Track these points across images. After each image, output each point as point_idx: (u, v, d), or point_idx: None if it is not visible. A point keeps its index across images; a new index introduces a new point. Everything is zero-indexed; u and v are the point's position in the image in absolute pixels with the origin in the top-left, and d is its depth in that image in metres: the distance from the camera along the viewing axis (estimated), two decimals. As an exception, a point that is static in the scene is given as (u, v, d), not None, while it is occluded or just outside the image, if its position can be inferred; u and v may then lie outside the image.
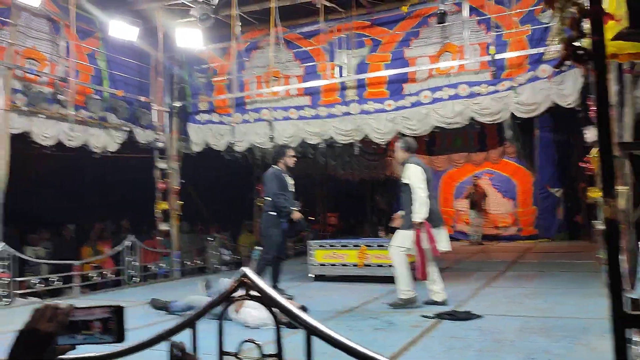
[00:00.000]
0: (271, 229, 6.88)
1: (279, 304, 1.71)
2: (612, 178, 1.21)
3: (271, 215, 6.88)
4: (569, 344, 4.22)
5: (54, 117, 8.24)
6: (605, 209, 1.25)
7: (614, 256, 1.18)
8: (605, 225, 1.20)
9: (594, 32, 1.20)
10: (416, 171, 5.95)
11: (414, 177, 5.92)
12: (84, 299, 7.82)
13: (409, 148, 6.24)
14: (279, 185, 6.87)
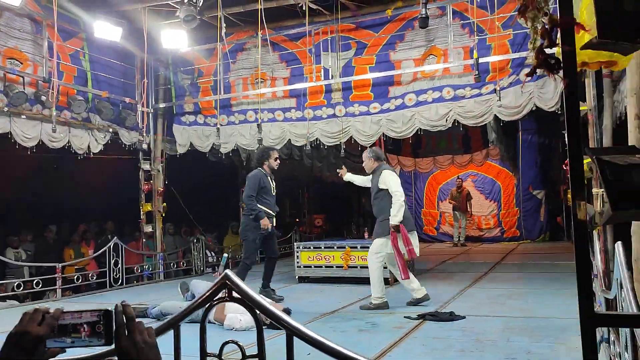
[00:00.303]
0: (249, 233, 6.81)
1: (261, 305, 1.74)
2: (581, 181, 1.25)
3: (249, 218, 6.82)
4: (550, 343, 4.29)
5: (36, 118, 8.17)
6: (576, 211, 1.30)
7: (583, 257, 1.22)
8: (574, 226, 1.24)
9: (564, 42, 1.24)
10: (394, 177, 6.16)
11: (392, 182, 6.07)
12: (67, 301, 7.75)
13: (378, 157, 6.40)
14: (261, 188, 6.80)
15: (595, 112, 4.94)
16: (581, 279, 1.25)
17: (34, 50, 8.20)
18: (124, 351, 1.15)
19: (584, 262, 1.24)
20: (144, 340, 1.16)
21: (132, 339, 1.15)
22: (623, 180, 1.24)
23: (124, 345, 1.15)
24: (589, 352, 1.29)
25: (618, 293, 2.59)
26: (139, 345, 1.15)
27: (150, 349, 1.16)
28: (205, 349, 1.84)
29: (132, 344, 1.15)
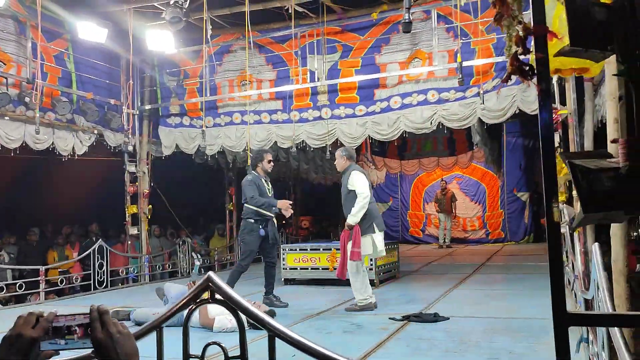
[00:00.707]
0: (247, 236, 6.76)
1: (243, 307, 1.75)
2: (554, 184, 1.28)
3: (248, 221, 6.75)
4: (532, 343, 4.35)
5: (19, 119, 8.10)
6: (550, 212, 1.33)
7: (556, 257, 1.26)
8: (547, 227, 1.28)
9: (538, 49, 1.28)
10: (361, 178, 6.18)
11: (359, 183, 6.11)
12: (51, 304, 7.68)
13: (350, 156, 6.46)
14: (258, 192, 6.73)
15: (575, 115, 5.03)
16: (554, 279, 1.29)
17: (18, 51, 8.13)
18: (100, 343, 1.20)
19: (556, 262, 1.28)
20: (119, 331, 1.21)
21: (107, 331, 1.20)
22: (593, 184, 1.28)
23: (99, 338, 1.20)
24: (562, 351, 1.32)
25: (595, 294, 2.65)
26: (115, 336, 1.20)
27: (125, 338, 1.21)
28: (188, 351, 1.85)
29: (108, 336, 1.19)
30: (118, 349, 1.19)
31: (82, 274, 9.12)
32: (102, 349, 1.20)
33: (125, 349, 1.20)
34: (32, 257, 9.75)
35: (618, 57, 1.31)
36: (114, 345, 1.19)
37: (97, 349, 1.21)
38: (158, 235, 11.61)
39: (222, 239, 13.16)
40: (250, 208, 6.71)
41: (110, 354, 1.19)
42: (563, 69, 1.73)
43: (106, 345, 1.19)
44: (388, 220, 17.39)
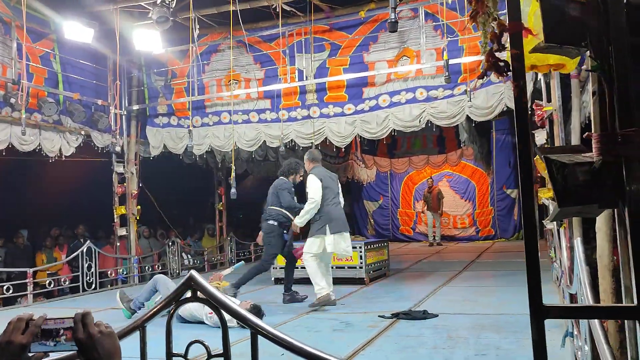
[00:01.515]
0: (273, 239, 6.90)
1: (226, 305, 1.75)
2: (530, 180, 1.30)
3: (274, 225, 6.87)
4: (518, 339, 4.38)
5: (5, 121, 8.03)
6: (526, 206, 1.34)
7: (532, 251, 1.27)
8: (523, 221, 1.29)
9: (513, 46, 1.29)
10: (314, 183, 6.35)
11: (312, 188, 6.34)
12: (39, 307, 7.62)
13: (313, 159, 6.67)
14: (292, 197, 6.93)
15: (560, 112, 5.07)
16: (530, 272, 1.30)
17: (3, 52, 8.06)
18: (81, 343, 1.26)
19: (533, 256, 1.29)
20: (100, 331, 1.28)
21: (88, 331, 1.26)
22: (568, 178, 1.30)
23: (80, 337, 1.26)
24: (539, 344, 1.34)
25: (579, 288, 2.68)
26: (95, 336, 1.26)
27: (106, 337, 1.28)
28: (171, 349, 1.85)
29: (88, 336, 1.26)
30: (99, 348, 1.26)
31: (71, 275, 9.07)
32: (84, 349, 1.26)
33: (106, 348, 1.26)
34: (20, 259, 9.68)
35: (591, 53, 1.33)
36: (95, 345, 1.26)
37: (80, 349, 1.27)
38: (147, 236, 11.56)
39: (212, 239, 13.13)
40: (279, 211, 6.84)
41: (92, 353, 1.26)
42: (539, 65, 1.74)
43: (87, 345, 1.26)
44: (378, 218, 17.46)
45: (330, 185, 6.43)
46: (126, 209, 10.16)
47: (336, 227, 6.30)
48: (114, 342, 1.29)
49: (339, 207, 6.47)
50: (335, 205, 6.42)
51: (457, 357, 3.98)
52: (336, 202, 6.45)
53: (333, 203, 6.38)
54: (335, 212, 6.37)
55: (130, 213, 10.21)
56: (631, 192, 1.25)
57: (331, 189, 6.41)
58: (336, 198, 6.46)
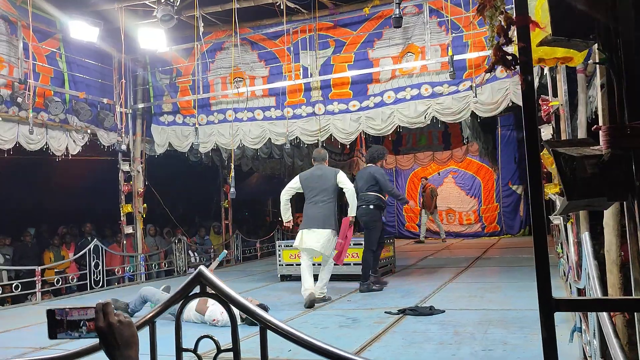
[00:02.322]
0: (377, 223, 7.25)
1: (235, 300, 1.76)
2: (538, 174, 1.30)
3: (376, 211, 7.21)
4: (526, 334, 4.38)
5: (12, 120, 8.07)
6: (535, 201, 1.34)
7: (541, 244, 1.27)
8: (532, 215, 1.29)
9: (520, 39, 1.29)
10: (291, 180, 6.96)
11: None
12: (47, 304, 7.67)
13: (313, 158, 7.05)
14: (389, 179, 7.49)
15: (566, 106, 5.05)
16: (539, 266, 1.30)
17: (9, 52, 8.10)
18: (102, 331, 1.34)
19: (541, 249, 1.29)
20: (119, 320, 1.35)
21: (107, 320, 1.34)
22: (576, 171, 1.30)
23: (100, 326, 1.34)
24: (548, 337, 1.34)
25: (587, 283, 2.67)
26: (115, 325, 1.34)
27: (125, 326, 1.35)
28: (181, 344, 1.86)
29: (108, 325, 1.34)
30: (117, 336, 1.34)
31: (78, 273, 9.12)
32: (104, 337, 1.35)
33: (124, 336, 1.35)
34: (28, 257, 9.74)
35: (599, 46, 1.32)
36: (114, 333, 1.34)
37: (100, 337, 1.36)
38: (153, 234, 11.60)
39: (218, 237, 13.17)
40: (378, 196, 7.20)
41: (111, 341, 1.34)
42: (547, 58, 1.74)
43: (107, 333, 1.34)
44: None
45: (311, 185, 6.60)
46: (132, 207, 10.20)
47: (307, 224, 6.51)
48: (132, 331, 1.37)
49: (317, 205, 6.53)
50: (314, 204, 6.54)
51: (464, 353, 3.97)
52: (316, 200, 6.54)
53: (311, 201, 6.57)
54: (308, 209, 6.57)
55: (137, 211, 10.25)
56: (641, 184, 1.25)
57: (313, 188, 6.58)
58: (317, 197, 6.54)
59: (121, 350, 1.33)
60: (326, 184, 6.55)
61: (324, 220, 6.44)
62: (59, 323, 1.40)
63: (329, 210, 6.48)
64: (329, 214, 6.46)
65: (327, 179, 6.57)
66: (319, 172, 6.68)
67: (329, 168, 6.89)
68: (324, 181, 6.56)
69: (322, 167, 6.79)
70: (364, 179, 7.26)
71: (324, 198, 6.52)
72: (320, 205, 6.51)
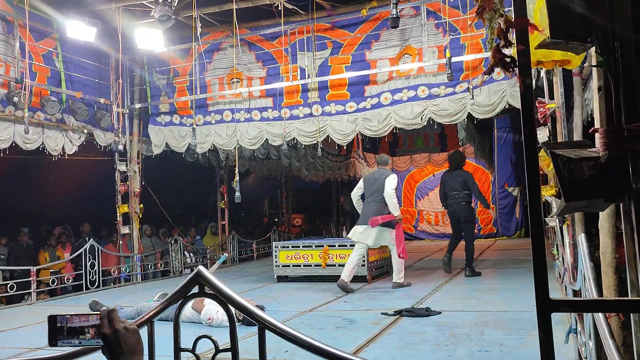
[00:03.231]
0: (473, 217, 8.55)
1: (234, 300, 1.77)
2: (536, 176, 1.31)
3: (472, 208, 8.48)
4: (522, 336, 4.39)
5: (8, 119, 8.05)
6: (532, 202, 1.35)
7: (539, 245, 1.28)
8: (530, 216, 1.30)
9: (519, 42, 1.30)
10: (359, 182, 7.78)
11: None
12: (43, 305, 7.65)
13: (377, 162, 8.22)
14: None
15: (563, 109, 5.07)
16: (537, 267, 1.31)
17: (6, 51, 8.08)
18: (106, 338, 1.32)
19: (539, 250, 1.30)
20: (125, 327, 1.34)
21: (113, 327, 1.32)
22: (574, 173, 1.31)
23: (105, 333, 1.32)
24: (545, 338, 1.34)
25: (583, 284, 2.69)
26: (120, 331, 1.32)
27: (130, 333, 1.34)
28: (179, 344, 1.86)
29: (113, 331, 1.32)
30: (123, 343, 1.32)
31: (74, 274, 9.09)
32: (109, 344, 1.33)
33: (129, 343, 1.33)
34: (23, 258, 9.71)
35: (597, 49, 1.33)
36: (119, 340, 1.32)
37: (105, 344, 1.34)
38: (149, 235, 11.58)
39: (214, 237, 13.15)
40: (470, 195, 8.26)
41: (116, 348, 1.32)
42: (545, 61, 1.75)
43: (112, 340, 1.32)
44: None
45: (368, 186, 7.48)
46: (129, 207, 10.18)
47: (362, 220, 7.39)
48: (137, 338, 1.35)
49: (369, 204, 7.37)
50: (368, 203, 7.40)
51: (460, 354, 3.99)
52: (370, 200, 7.40)
53: (367, 200, 7.46)
54: (364, 208, 7.47)
55: (133, 211, 10.23)
56: (637, 187, 1.26)
57: (369, 189, 7.45)
58: (371, 196, 7.39)
59: (126, 357, 1.32)
60: (380, 186, 7.29)
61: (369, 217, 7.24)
62: (60, 330, 1.38)
63: (378, 209, 7.22)
64: (378, 212, 7.21)
65: (381, 181, 7.31)
66: (377, 175, 7.52)
67: (385, 171, 7.57)
68: (379, 183, 7.32)
69: (380, 170, 7.67)
70: (454, 181, 8.32)
71: (375, 198, 7.31)
72: (372, 204, 7.32)
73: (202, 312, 5.38)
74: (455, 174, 8.39)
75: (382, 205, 7.23)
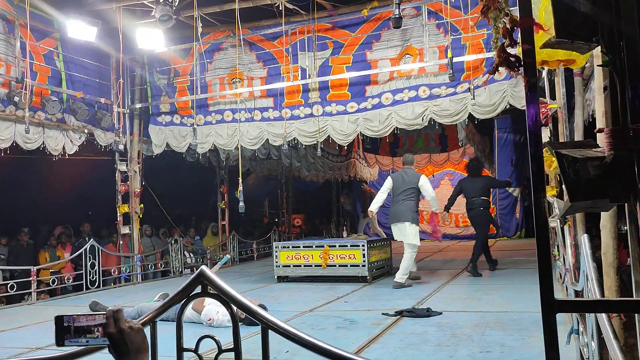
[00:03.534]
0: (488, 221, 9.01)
1: (237, 300, 1.76)
2: (541, 176, 1.30)
3: (489, 213, 9.07)
4: (523, 337, 4.39)
5: (9, 119, 8.04)
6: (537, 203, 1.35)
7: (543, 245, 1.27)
8: (535, 216, 1.29)
9: (524, 41, 1.30)
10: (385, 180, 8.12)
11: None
12: (43, 305, 7.64)
13: (402, 162, 8.57)
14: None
15: (564, 109, 5.07)
16: (541, 267, 1.31)
17: (7, 51, 8.07)
18: (112, 337, 1.35)
19: (543, 250, 1.30)
20: (130, 326, 1.37)
21: (118, 326, 1.35)
22: (580, 173, 1.30)
23: (111, 332, 1.35)
24: (551, 339, 1.34)
25: (585, 285, 2.68)
26: (125, 331, 1.35)
27: (136, 333, 1.37)
28: (182, 344, 1.86)
29: (119, 331, 1.35)
30: (128, 343, 1.35)
31: (74, 273, 9.08)
32: (114, 343, 1.36)
33: (134, 342, 1.36)
34: (24, 258, 9.70)
35: (603, 49, 1.33)
36: (125, 339, 1.35)
37: (111, 343, 1.36)
38: (149, 235, 11.57)
39: (214, 238, 13.15)
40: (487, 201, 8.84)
41: (122, 347, 1.35)
42: (550, 60, 1.75)
43: (118, 339, 1.35)
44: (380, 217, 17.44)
45: (396, 185, 7.72)
46: (129, 207, 10.18)
47: (391, 219, 7.74)
48: (143, 337, 1.38)
49: (399, 203, 7.65)
50: (397, 202, 7.67)
51: (462, 355, 3.98)
52: (398, 199, 7.65)
53: (395, 199, 7.72)
54: (393, 206, 7.76)
55: (133, 211, 10.22)
56: (643, 186, 1.25)
57: (397, 188, 7.70)
58: (399, 195, 7.64)
59: (132, 356, 1.34)
60: (408, 185, 7.62)
61: (402, 214, 7.57)
62: (67, 329, 1.41)
63: (406, 207, 7.57)
64: (405, 210, 7.55)
65: (410, 181, 7.65)
66: (404, 175, 7.81)
67: (413, 171, 7.90)
68: (407, 183, 7.64)
69: (407, 170, 7.93)
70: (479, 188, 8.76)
71: (404, 197, 7.61)
72: (400, 203, 7.64)
73: (202, 313, 5.38)
74: (476, 180, 8.81)
75: (413, 203, 7.61)
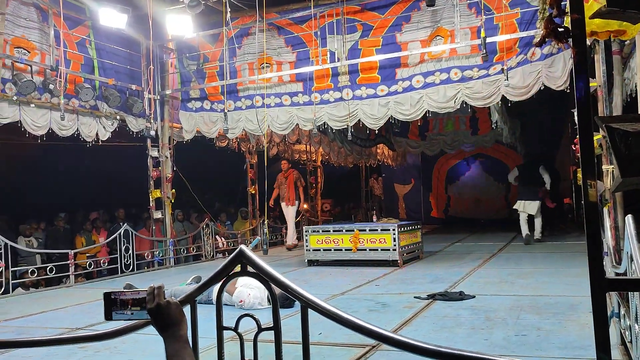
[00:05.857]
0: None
1: (276, 278, 1.77)
2: (592, 160, 1.26)
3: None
4: (559, 320, 4.31)
5: (44, 106, 8.23)
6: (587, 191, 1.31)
7: (593, 221, 1.24)
8: (584, 196, 1.26)
9: (573, 10, 1.25)
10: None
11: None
12: (80, 287, 7.86)
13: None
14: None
15: (604, 88, 4.91)
16: (591, 246, 1.27)
17: (41, 39, 8.23)
18: (152, 311, 1.47)
19: (593, 228, 1.26)
20: (168, 301, 1.49)
21: (157, 302, 1.48)
22: (632, 147, 1.25)
23: (150, 307, 1.48)
24: (600, 318, 1.30)
25: (628, 266, 2.60)
26: (163, 304, 1.47)
27: (173, 306, 1.48)
28: (222, 322, 1.88)
29: (158, 305, 1.47)
30: (166, 316, 1.46)
31: (109, 257, 9.29)
32: (154, 316, 1.48)
33: (172, 315, 1.47)
34: (61, 242, 9.97)
35: (657, 16, 1.27)
36: (163, 313, 1.46)
37: (152, 316, 1.48)
38: (181, 220, 11.75)
39: (244, 222, 13.27)
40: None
41: (162, 320, 1.47)
42: (600, 31, 1.68)
43: (157, 312, 1.47)
44: (409, 201, 17.38)
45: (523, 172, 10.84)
46: (161, 192, 10.33)
47: (520, 197, 10.67)
48: (180, 310, 1.49)
49: (526, 186, 10.62)
50: (523, 184, 10.70)
51: (497, 338, 3.93)
52: (524, 182, 10.69)
53: (522, 183, 10.77)
54: (524, 187, 10.69)
55: (165, 196, 10.38)
56: (700, 160, 1.20)
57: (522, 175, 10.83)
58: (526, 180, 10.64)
59: (171, 328, 1.44)
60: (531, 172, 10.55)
61: (532, 194, 10.45)
62: (114, 302, 1.55)
63: (534, 188, 10.46)
64: (534, 191, 10.45)
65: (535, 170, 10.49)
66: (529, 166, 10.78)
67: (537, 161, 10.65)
68: (530, 171, 10.61)
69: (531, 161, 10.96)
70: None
71: (527, 181, 10.59)
72: (529, 186, 10.52)
73: (234, 294, 5.44)
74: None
75: (535, 187, 10.43)
